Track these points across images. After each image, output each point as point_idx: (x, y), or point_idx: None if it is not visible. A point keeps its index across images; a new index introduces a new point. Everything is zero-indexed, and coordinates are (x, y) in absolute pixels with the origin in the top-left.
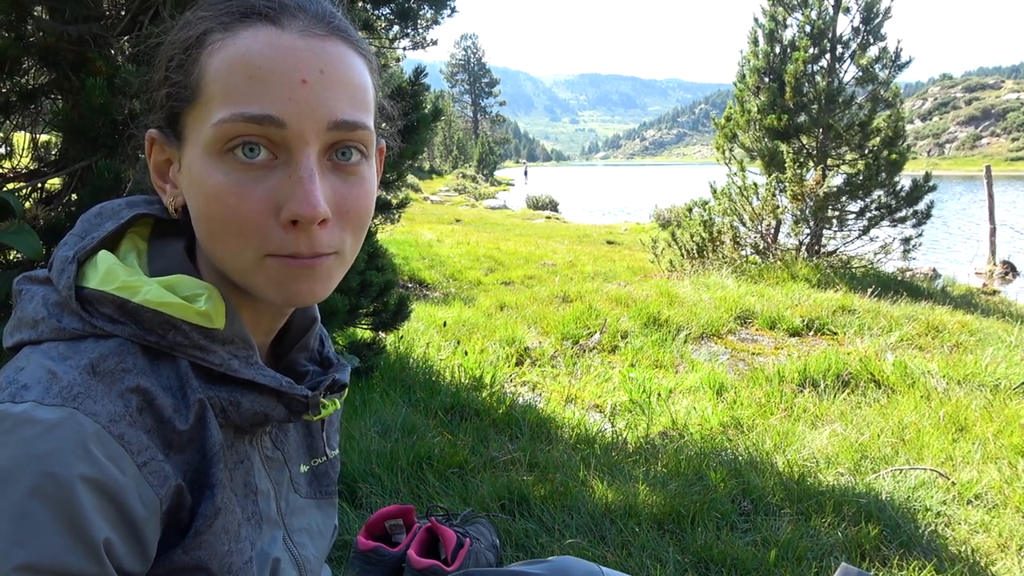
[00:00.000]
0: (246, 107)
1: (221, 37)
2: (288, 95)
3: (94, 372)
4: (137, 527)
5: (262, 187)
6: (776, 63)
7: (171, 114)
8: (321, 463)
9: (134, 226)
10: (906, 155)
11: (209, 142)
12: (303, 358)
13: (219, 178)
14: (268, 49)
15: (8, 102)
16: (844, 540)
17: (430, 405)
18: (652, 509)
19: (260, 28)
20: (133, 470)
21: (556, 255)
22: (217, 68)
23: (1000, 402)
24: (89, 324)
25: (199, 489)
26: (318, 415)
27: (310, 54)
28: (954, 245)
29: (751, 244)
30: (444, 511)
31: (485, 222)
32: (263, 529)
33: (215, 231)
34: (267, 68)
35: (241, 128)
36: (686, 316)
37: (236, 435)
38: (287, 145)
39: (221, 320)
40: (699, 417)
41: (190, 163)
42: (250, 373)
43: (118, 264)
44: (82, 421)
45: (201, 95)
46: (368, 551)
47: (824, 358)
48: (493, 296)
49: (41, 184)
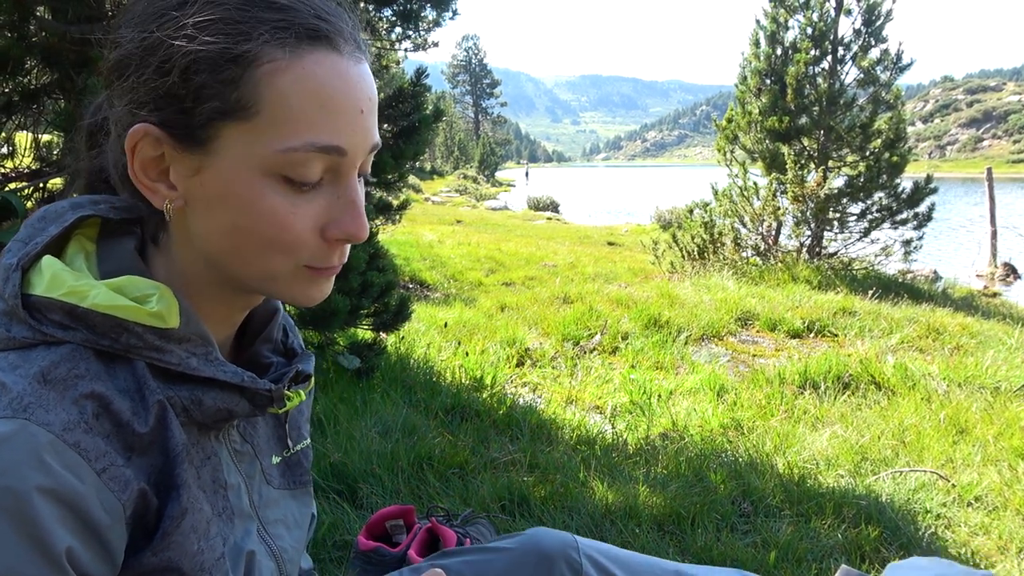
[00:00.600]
0: (318, 138)
1: (284, 58)
2: (351, 126)
3: (45, 380)
4: (100, 534)
5: (312, 207)
6: (777, 65)
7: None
8: (293, 454)
9: (81, 228)
10: (907, 157)
11: (270, 165)
12: (266, 350)
13: (275, 200)
14: (338, 81)
15: (10, 102)
16: (844, 542)
17: (431, 406)
18: (652, 510)
19: (323, 53)
20: (92, 477)
21: (557, 256)
22: (282, 91)
23: (1001, 404)
24: (39, 332)
25: (164, 490)
26: (283, 408)
27: (363, 83)
28: (955, 247)
29: (752, 246)
30: (445, 511)
31: (486, 223)
32: (235, 523)
33: (254, 246)
34: (337, 99)
35: (312, 157)
36: (687, 317)
37: (201, 432)
38: (339, 169)
39: (175, 319)
40: (699, 418)
41: (228, 178)
42: (210, 370)
43: (64, 269)
44: (35, 432)
45: (257, 114)
46: (369, 551)
47: (825, 360)
48: (494, 297)
49: (43, 184)
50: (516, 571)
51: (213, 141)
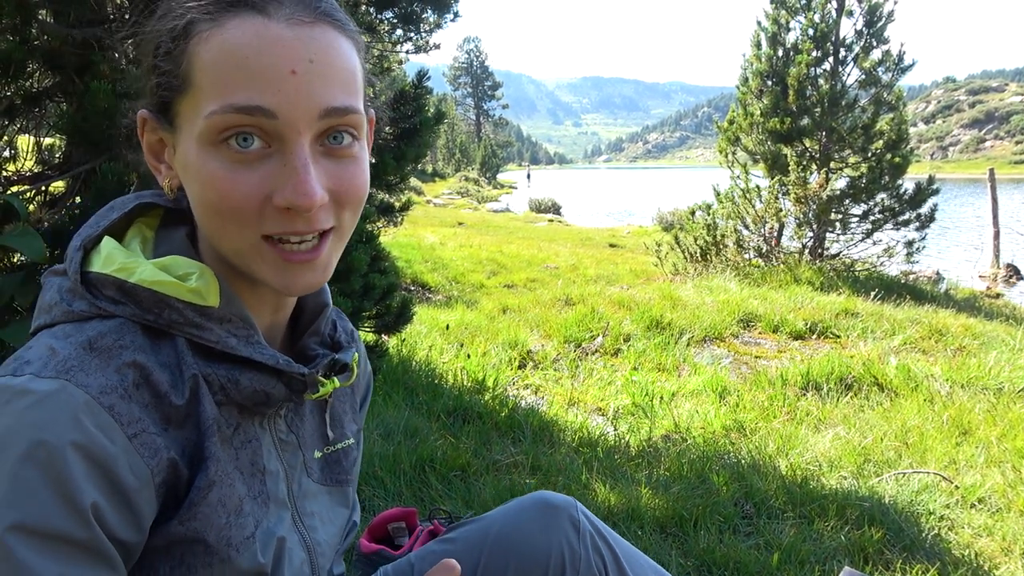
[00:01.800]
0: (236, 99)
1: (208, 27)
2: (278, 86)
3: (91, 348)
4: (128, 496)
5: (256, 175)
6: (779, 66)
7: (162, 102)
8: (335, 450)
9: (143, 216)
10: (909, 158)
11: (202, 133)
12: (314, 342)
13: (214, 166)
14: (256, 40)
15: (13, 105)
16: (847, 544)
17: (433, 408)
18: (655, 512)
19: (247, 17)
20: (123, 440)
21: (559, 258)
22: (206, 59)
23: (1004, 406)
24: (95, 306)
25: (196, 463)
26: (316, 393)
27: (298, 43)
28: (958, 248)
29: (754, 247)
30: (447, 514)
31: (488, 225)
32: (270, 508)
33: (211, 216)
34: (256, 59)
35: (233, 119)
36: (689, 319)
37: (243, 415)
38: (280, 135)
39: (214, 298)
40: (702, 420)
41: (185, 150)
42: (248, 351)
43: (118, 248)
44: (73, 392)
45: (192, 85)
46: (371, 554)
47: (827, 361)
48: (496, 299)
49: (45, 187)
50: (521, 515)
51: (176, 118)
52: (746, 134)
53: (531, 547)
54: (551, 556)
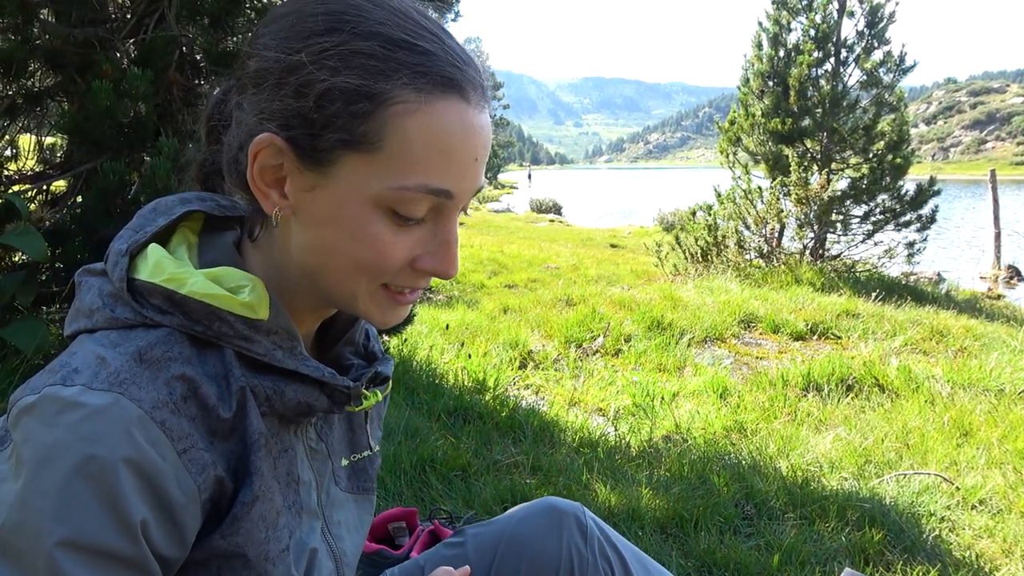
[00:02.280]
0: (431, 181)
1: (416, 101)
2: (464, 172)
3: (141, 360)
4: (174, 512)
5: (410, 239)
6: (780, 67)
7: (320, 143)
8: (361, 458)
9: (186, 221)
10: (910, 159)
11: (380, 198)
12: (348, 352)
13: (378, 228)
14: (460, 129)
15: (14, 104)
16: (848, 545)
17: (433, 408)
18: (655, 513)
19: (453, 102)
20: (173, 456)
21: (560, 258)
22: (409, 134)
23: (1005, 407)
24: (140, 314)
25: (240, 477)
26: (360, 406)
27: (483, 132)
28: (959, 250)
29: (755, 248)
30: (447, 514)
31: (489, 225)
32: (303, 519)
33: (346, 266)
34: (456, 146)
35: (422, 198)
36: (690, 320)
37: (281, 424)
38: (443, 209)
39: (265, 311)
40: (702, 421)
41: (340, 201)
42: (294, 363)
43: (167, 257)
44: (126, 406)
45: (380, 149)
46: (371, 553)
47: (828, 362)
48: (496, 299)
49: (46, 186)
50: (530, 520)
51: (332, 165)
52: (747, 135)
53: (540, 552)
54: (560, 561)
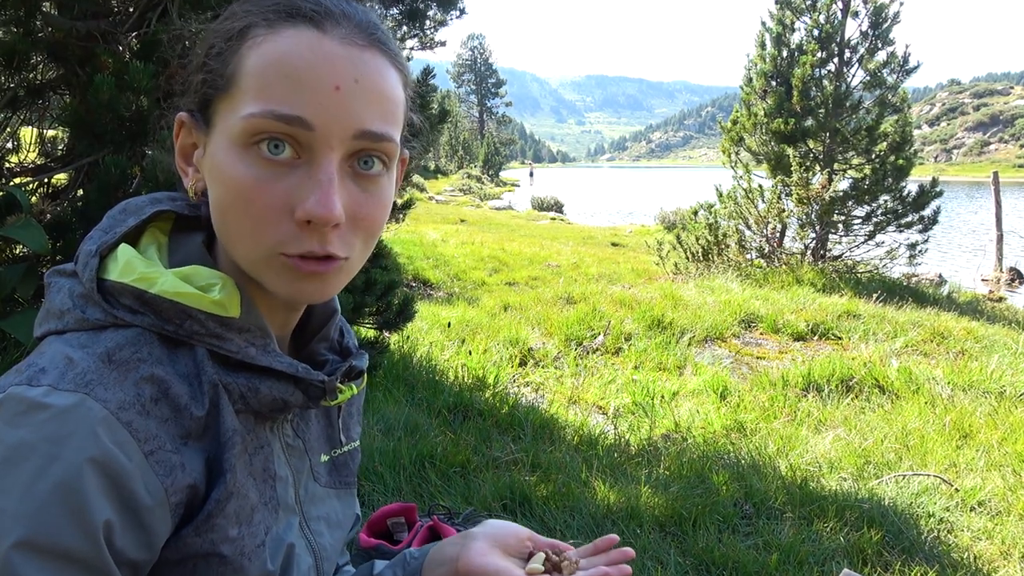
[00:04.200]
0: (278, 106)
1: (263, 33)
2: (320, 100)
3: (109, 360)
4: (141, 513)
5: (281, 184)
6: (783, 67)
7: (204, 100)
8: (341, 453)
9: (156, 221)
10: (913, 160)
11: (236, 133)
12: (323, 348)
13: (241, 169)
14: (307, 52)
15: (16, 97)
16: (846, 545)
17: (433, 404)
18: (654, 511)
19: (303, 30)
20: (139, 457)
21: (561, 256)
22: (255, 63)
23: (1005, 409)
24: (111, 315)
25: (215, 475)
26: (335, 400)
27: (347, 62)
28: (961, 252)
29: (756, 248)
30: (446, 510)
31: (490, 222)
32: (279, 514)
33: (231, 221)
34: (304, 70)
35: (270, 125)
36: (690, 319)
37: (257, 421)
38: (311, 147)
39: (236, 309)
40: (702, 420)
41: (215, 151)
42: (267, 360)
43: (137, 257)
44: (92, 407)
45: (235, 86)
46: (370, 548)
47: (828, 363)
48: (497, 297)
49: (48, 179)
50: None
51: (213, 118)
52: (750, 134)
53: None
54: None
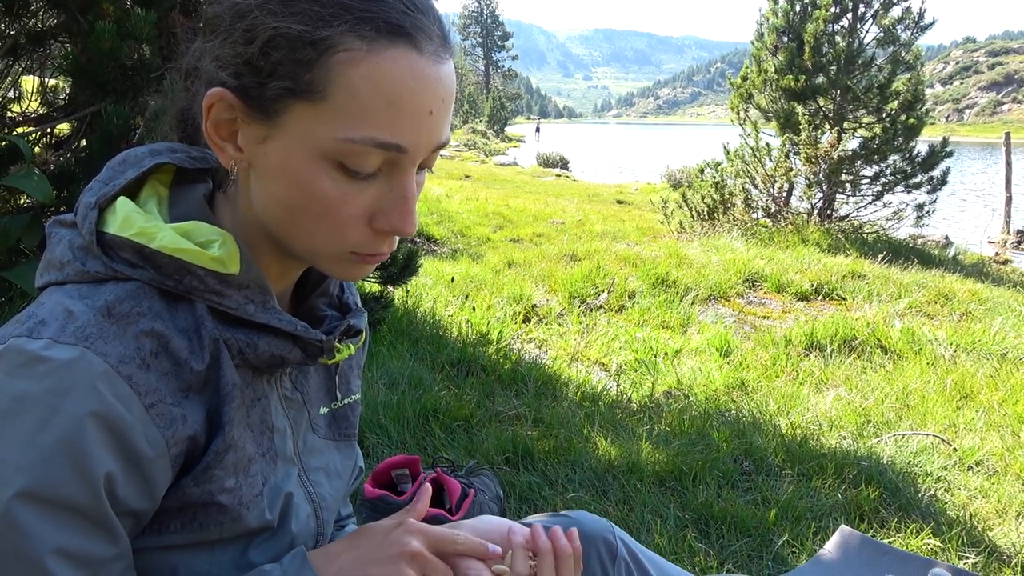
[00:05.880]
0: (379, 133)
1: (361, 49)
2: (416, 125)
3: (109, 314)
4: (142, 464)
5: (363, 196)
6: (796, 22)
7: (267, 92)
8: (340, 406)
9: (156, 174)
10: (924, 120)
11: (326, 149)
12: (322, 303)
13: (326, 183)
14: (408, 78)
15: (17, 45)
16: (844, 502)
17: (437, 359)
18: (654, 466)
19: (402, 50)
20: (140, 410)
21: (565, 213)
22: (355, 84)
23: (1007, 371)
24: (110, 268)
25: (214, 427)
26: (333, 359)
27: (438, 84)
28: (967, 213)
29: (762, 207)
30: (449, 462)
31: (495, 178)
32: (277, 465)
33: (303, 222)
34: (405, 97)
35: (366, 150)
36: (694, 278)
37: (254, 374)
38: (396, 163)
39: (235, 265)
40: (704, 378)
41: (287, 153)
42: (266, 317)
43: (136, 211)
44: (92, 360)
45: (323, 99)
46: (374, 499)
47: (832, 323)
48: (501, 253)
49: (50, 129)
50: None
51: (280, 115)
52: (759, 91)
53: None
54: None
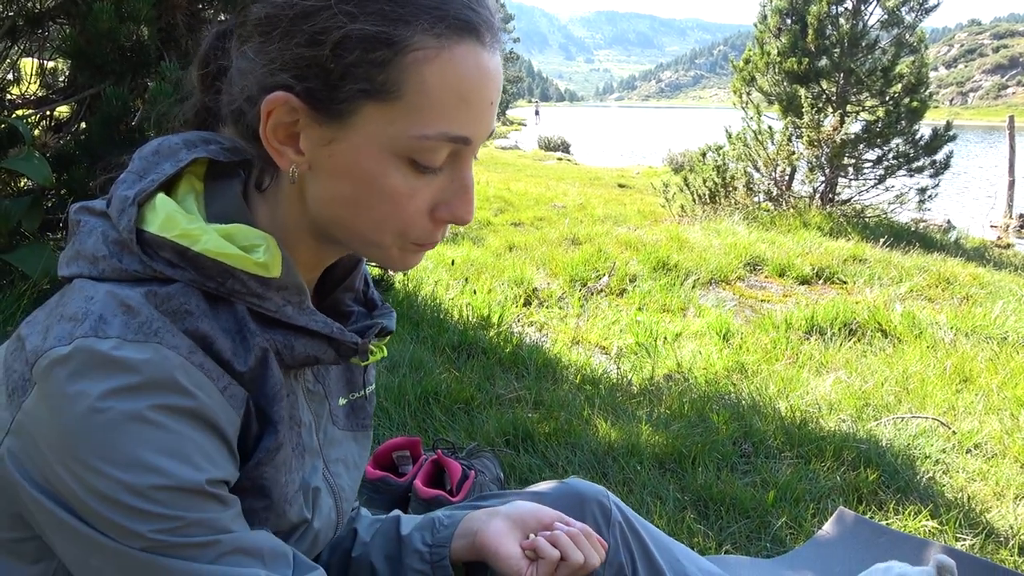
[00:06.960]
0: (450, 127)
1: (433, 47)
2: (481, 117)
3: (163, 310)
4: (228, 442)
5: (429, 190)
6: (799, 4)
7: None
8: (358, 397)
9: (190, 166)
10: (927, 103)
11: (400, 147)
12: (348, 298)
13: (397, 179)
14: (476, 73)
15: (15, 26)
16: (842, 484)
17: (437, 342)
18: (654, 448)
19: (471, 47)
20: (217, 394)
21: (567, 197)
22: (427, 81)
23: (1007, 355)
24: (149, 267)
25: (262, 423)
26: (367, 360)
27: (499, 76)
28: (968, 196)
29: (764, 191)
30: (450, 444)
31: (496, 162)
32: (305, 459)
33: (369, 219)
34: (474, 92)
35: (440, 145)
36: (695, 261)
37: (284, 371)
38: (459, 154)
39: (278, 269)
40: (704, 361)
41: (357, 153)
42: (303, 320)
43: (178, 210)
44: (167, 355)
45: (398, 99)
46: (375, 480)
47: (832, 306)
48: (502, 236)
49: (50, 111)
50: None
51: (351, 116)
52: (762, 74)
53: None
54: None
